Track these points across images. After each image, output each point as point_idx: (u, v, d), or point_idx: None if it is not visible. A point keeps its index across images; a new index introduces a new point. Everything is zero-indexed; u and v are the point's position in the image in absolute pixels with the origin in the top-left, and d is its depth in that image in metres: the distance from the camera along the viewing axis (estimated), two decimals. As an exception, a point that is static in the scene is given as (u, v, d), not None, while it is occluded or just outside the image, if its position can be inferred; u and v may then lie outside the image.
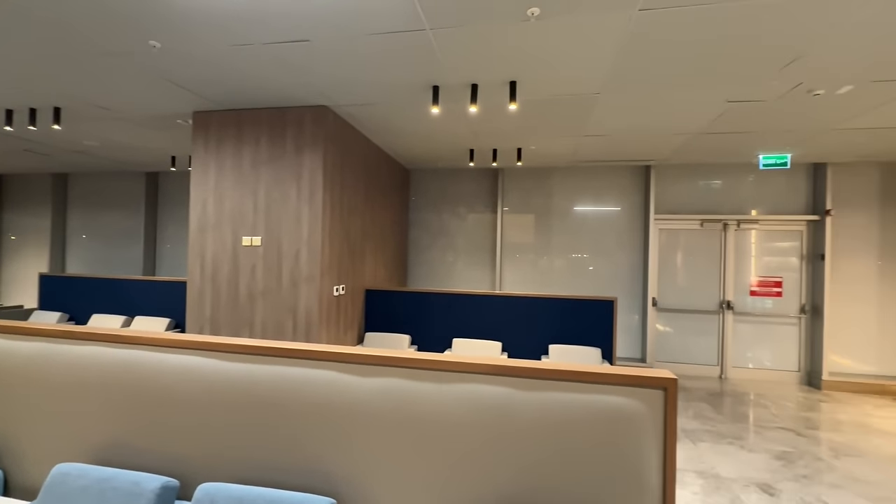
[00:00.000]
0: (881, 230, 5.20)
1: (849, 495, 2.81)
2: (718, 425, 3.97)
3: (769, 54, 2.60)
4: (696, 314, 5.70)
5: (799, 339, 5.46)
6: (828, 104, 3.33)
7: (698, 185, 5.73)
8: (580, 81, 3.08)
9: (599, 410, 1.35)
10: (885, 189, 5.21)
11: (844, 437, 3.77)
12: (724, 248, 5.64)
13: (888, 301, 5.18)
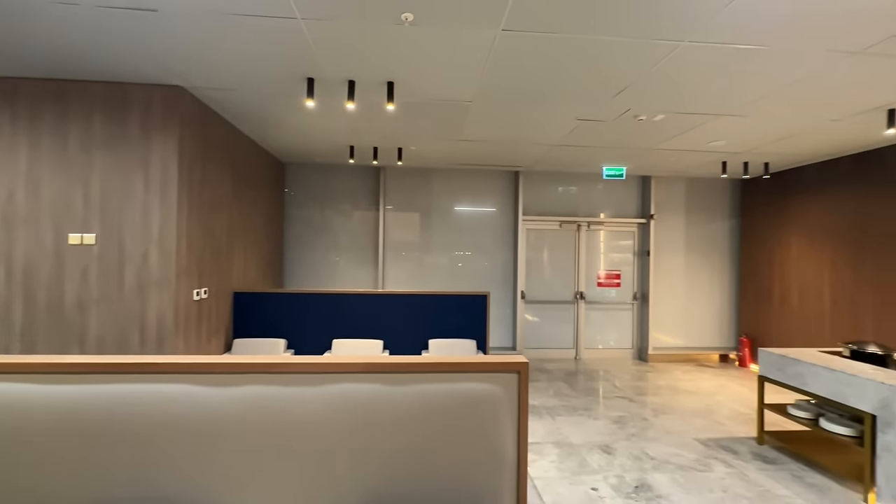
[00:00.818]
0: (686, 231, 6.53)
1: (662, 445, 3.49)
2: (573, 400, 4.57)
3: (606, 83, 3.08)
4: (557, 304, 6.46)
5: (632, 322, 6.56)
6: (649, 128, 4.07)
7: (558, 191, 6.49)
8: (454, 89, 3.26)
9: (463, 396, 1.46)
10: (690, 198, 6.54)
11: (662, 399, 4.65)
12: (578, 246, 6.50)
13: (692, 287, 6.53)
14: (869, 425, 2.69)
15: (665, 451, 3.37)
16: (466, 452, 1.45)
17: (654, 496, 2.74)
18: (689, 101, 3.37)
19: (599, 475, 3.00)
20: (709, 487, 2.85)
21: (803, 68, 2.78)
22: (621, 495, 2.75)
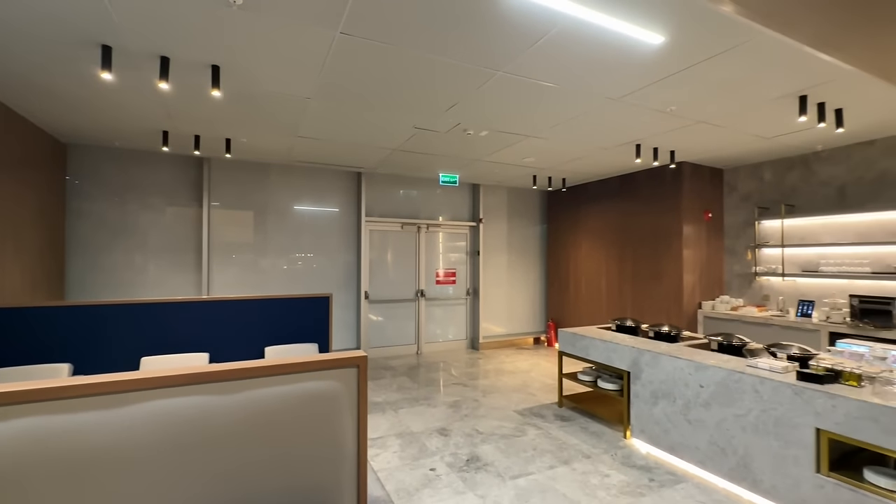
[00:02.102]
0: (508, 234, 7.55)
1: (489, 420, 3.99)
2: (414, 392, 4.83)
3: (438, 97, 3.38)
4: (400, 303, 6.72)
5: (466, 315, 7.27)
6: (476, 142, 4.60)
7: (399, 194, 6.75)
8: (291, 84, 3.13)
9: (303, 396, 1.46)
10: (510, 205, 7.58)
11: (489, 381, 5.29)
12: (419, 246, 6.88)
13: (512, 282, 7.57)
14: (626, 380, 3.59)
15: (491, 426, 3.86)
16: (309, 450, 1.45)
17: (482, 465, 3.13)
18: (507, 121, 3.95)
19: (437, 456, 3.27)
20: (523, 449, 3.39)
21: (582, 107, 3.54)
22: (455, 470, 3.06)
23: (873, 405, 2.17)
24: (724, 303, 5.22)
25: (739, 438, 2.76)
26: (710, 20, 2.30)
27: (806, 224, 4.83)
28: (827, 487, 2.34)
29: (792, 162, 4.98)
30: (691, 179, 5.42)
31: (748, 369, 2.79)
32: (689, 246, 5.37)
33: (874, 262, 4.28)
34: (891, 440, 2.11)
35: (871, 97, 3.25)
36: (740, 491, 2.75)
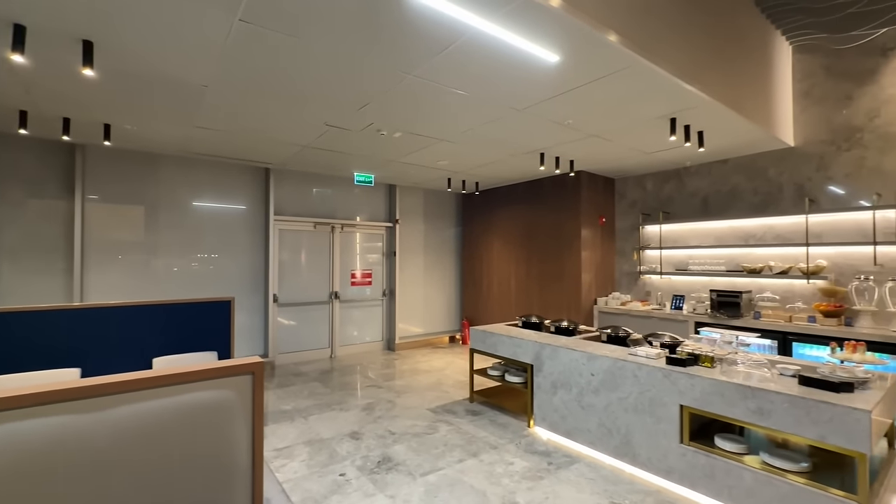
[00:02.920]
0: (425, 235, 7.65)
1: (403, 420, 4.01)
2: (326, 397, 4.69)
3: (350, 95, 3.33)
4: (312, 305, 6.46)
5: (382, 316, 7.22)
6: (390, 142, 4.60)
7: (312, 192, 6.50)
8: (184, 69, 2.87)
9: (188, 409, 1.35)
10: (427, 207, 7.68)
11: (405, 381, 5.31)
12: (333, 247, 6.68)
13: (429, 283, 7.68)
14: (529, 373, 3.85)
15: (404, 425, 3.89)
16: (196, 468, 1.35)
17: (393, 465, 3.14)
18: (420, 124, 4.01)
19: (348, 461, 3.21)
20: (434, 446, 3.47)
21: (490, 115, 3.73)
22: (366, 473, 3.03)
23: (720, 382, 2.59)
24: (615, 299, 5.82)
25: (622, 419, 3.10)
26: (597, 46, 2.56)
27: (678, 229, 5.57)
28: (688, 455, 2.74)
29: (668, 175, 5.72)
30: (588, 187, 5.96)
31: (629, 357, 3.15)
32: (586, 248, 5.90)
33: (728, 262, 5.08)
34: (733, 410, 2.53)
35: (724, 123, 3.86)
36: (623, 465, 3.10)
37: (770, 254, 4.76)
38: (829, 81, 4.35)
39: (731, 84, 3.58)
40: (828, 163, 4.37)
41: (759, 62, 4.01)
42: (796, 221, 4.54)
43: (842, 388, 2.31)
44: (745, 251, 4.95)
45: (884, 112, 4.03)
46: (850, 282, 4.15)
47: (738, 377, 2.61)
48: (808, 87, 4.48)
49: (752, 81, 3.87)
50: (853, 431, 2.11)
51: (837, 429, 2.16)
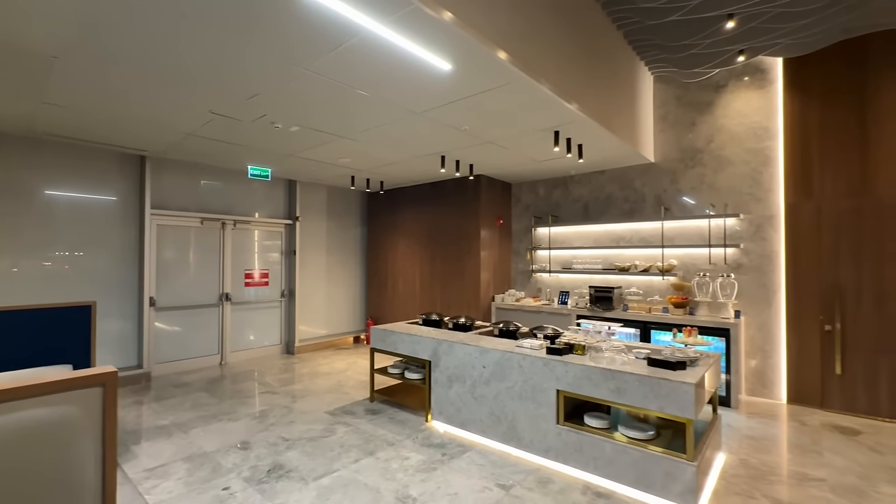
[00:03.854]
0: (328, 233, 7.42)
1: (298, 425, 3.87)
2: (213, 408, 4.33)
3: (238, 84, 3.12)
4: (199, 309, 5.90)
5: (280, 318, 6.85)
6: (287, 137, 4.40)
7: (200, 185, 5.94)
8: (22, 34, 2.45)
9: (23, 428, 1.18)
10: (331, 204, 7.47)
11: (303, 385, 5.12)
12: (223, 245, 6.17)
13: (332, 283, 7.47)
14: (427, 368, 3.97)
15: (299, 430, 3.76)
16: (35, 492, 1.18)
17: (285, 472, 3.02)
18: (318, 120, 3.90)
19: (233, 473, 3.02)
20: (330, 448, 3.41)
21: (390, 116, 3.77)
22: (253, 483, 2.88)
23: (588, 367, 2.93)
24: (510, 296, 6.24)
25: (509, 406, 3.36)
26: (486, 60, 2.74)
27: (565, 231, 6.15)
28: (563, 434, 3.06)
29: (557, 182, 6.28)
30: (488, 190, 6.30)
31: (516, 349, 3.41)
32: (485, 248, 6.23)
33: (604, 261, 5.75)
34: (598, 391, 2.89)
35: (598, 139, 4.36)
36: (510, 450, 3.35)
37: (636, 254, 5.49)
38: (679, 109, 5.16)
39: (604, 105, 4.06)
40: (678, 177, 5.17)
41: (627, 88, 4.61)
42: (655, 226, 5.30)
43: (677, 367, 2.78)
44: (617, 252, 5.65)
45: (717, 138, 4.89)
46: (693, 278, 4.97)
47: (603, 362, 2.98)
48: (665, 113, 5.26)
49: (621, 104, 4.43)
50: (682, 402, 2.54)
51: (672, 400, 2.59)
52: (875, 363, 4.06)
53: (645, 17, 3.89)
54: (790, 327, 4.48)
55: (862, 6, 3.54)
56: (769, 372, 4.58)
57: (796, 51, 4.27)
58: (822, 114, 4.34)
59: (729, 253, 4.81)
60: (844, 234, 4.22)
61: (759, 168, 4.65)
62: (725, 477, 3.00)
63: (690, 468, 2.53)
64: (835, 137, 4.28)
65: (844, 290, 4.21)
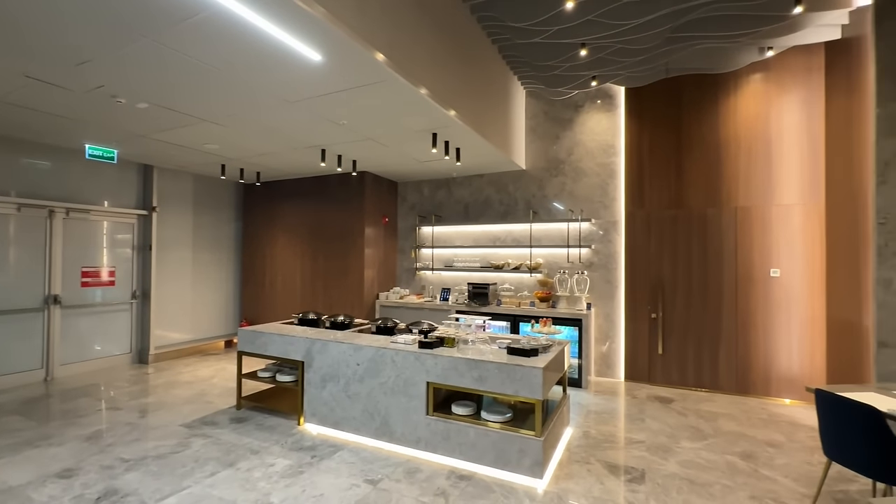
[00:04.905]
0: (195, 227, 6.67)
1: (143, 443, 3.41)
2: (27, 433, 3.59)
3: (59, 44, 2.64)
4: (13, 315, 4.84)
5: (130, 323, 5.96)
6: (135, 114, 3.84)
7: (19, 163, 4.87)
8: None
9: None
10: (199, 195, 6.71)
11: (155, 397, 4.52)
12: (51, 237, 5.15)
13: (199, 282, 6.73)
14: (300, 370, 3.81)
15: (145, 448, 3.32)
16: None
17: (120, 498, 2.64)
18: (172, 98, 3.48)
19: (49, 507, 2.55)
20: (182, 464, 3.07)
21: (259, 102, 3.53)
22: (75, 516, 2.47)
23: (455, 359, 3.10)
24: (395, 293, 6.29)
25: (383, 402, 3.39)
26: (358, 56, 2.72)
27: (447, 231, 6.41)
28: (432, 424, 3.19)
29: (440, 183, 6.51)
30: (373, 188, 6.26)
31: (391, 345, 3.46)
32: (370, 245, 6.19)
33: (482, 260, 6.12)
34: (463, 380, 3.07)
35: (474, 144, 4.63)
36: (383, 444, 3.39)
37: (509, 253, 5.95)
38: (546, 123, 5.73)
39: (479, 113, 4.33)
40: (545, 185, 5.74)
41: (501, 99, 4.97)
42: (525, 228, 5.81)
43: (531, 354, 3.09)
44: (493, 251, 6.06)
45: (575, 151, 5.55)
46: (556, 274, 5.56)
47: (469, 353, 3.18)
48: (535, 125, 5.79)
49: (495, 113, 4.77)
50: (533, 385, 2.84)
51: (525, 384, 2.87)
52: (684, 344, 5.00)
53: (515, 36, 4.24)
54: (628, 316, 5.28)
55: (678, 52, 4.33)
56: (612, 355, 5.35)
57: (634, 82, 5.05)
58: (652, 138, 5.20)
59: (583, 253, 5.49)
60: (665, 239, 5.12)
61: (607, 180, 5.40)
62: (570, 448, 3.42)
63: (538, 443, 2.84)
64: (660, 159, 5.16)
65: (665, 285, 5.10)
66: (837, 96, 4.22)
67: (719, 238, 4.88)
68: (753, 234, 4.74)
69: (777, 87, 4.66)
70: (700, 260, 4.96)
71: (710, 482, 2.91)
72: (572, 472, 3.02)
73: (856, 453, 2.27)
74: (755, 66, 4.71)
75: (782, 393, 4.59)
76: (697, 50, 4.37)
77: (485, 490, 2.78)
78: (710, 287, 4.90)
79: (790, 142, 4.61)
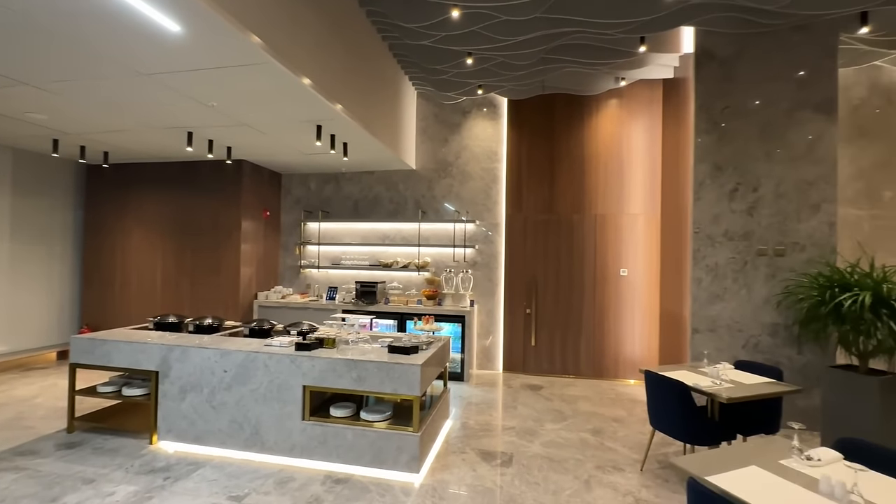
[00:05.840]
0: (13, 213, 5.41)
1: (-79, 487, 2.68)
2: None
3: None
4: None
5: None
6: (-83, 66, 2.98)
7: None
8: None
9: None
10: (19, 174, 5.47)
11: (-55, 427, 3.58)
12: None
13: (21, 282, 5.49)
14: (154, 381, 3.34)
15: (-77, 494, 2.60)
16: None
17: None
18: (-24, 53, 2.78)
19: None
20: (-20, 507, 2.48)
21: (103, 71, 3.01)
22: None
23: (334, 360, 3.02)
24: (276, 293, 5.88)
25: (253, 410, 3.14)
26: (225, 31, 2.47)
27: (335, 227, 6.20)
28: (308, 429, 3.05)
29: (328, 177, 6.27)
30: (252, 178, 5.77)
31: (264, 348, 3.23)
32: (247, 240, 5.69)
33: (371, 258, 6.05)
34: (341, 381, 3.00)
35: (362, 141, 4.55)
36: (253, 456, 3.14)
37: (398, 251, 5.98)
38: (436, 125, 5.88)
39: (369, 109, 4.26)
40: (434, 185, 5.89)
41: (392, 96, 4.96)
42: (414, 227, 5.89)
43: (411, 351, 3.14)
44: (382, 249, 6.03)
45: (462, 155, 5.79)
46: (443, 273, 5.75)
47: (349, 353, 3.12)
48: (425, 126, 5.90)
49: (384, 110, 4.74)
50: (411, 381, 2.89)
51: (404, 382, 2.91)
52: (553, 336, 5.56)
53: (404, 35, 4.26)
54: (506, 312, 5.69)
55: (551, 72, 4.78)
56: (493, 349, 5.71)
57: (515, 95, 5.45)
58: (529, 148, 5.67)
59: (468, 252, 5.76)
60: (539, 241, 5.62)
61: (490, 184, 5.74)
62: (449, 440, 3.56)
63: (415, 439, 2.90)
64: (536, 167, 5.65)
65: (538, 282, 5.61)
66: (669, 125, 5.07)
67: (582, 241, 5.52)
68: (608, 239, 5.46)
69: (628, 112, 5.43)
70: (567, 260, 5.55)
71: (566, 458, 3.28)
72: (448, 463, 3.15)
73: (670, 421, 2.76)
74: (612, 92, 5.42)
75: (628, 375, 5.37)
76: (567, 72, 4.88)
77: (361, 491, 2.75)
78: (574, 284, 5.52)
79: (637, 161, 5.41)
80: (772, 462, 1.77)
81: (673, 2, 3.41)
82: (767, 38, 4.01)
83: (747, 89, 4.07)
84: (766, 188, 4.03)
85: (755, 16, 3.69)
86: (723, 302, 4.08)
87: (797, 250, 3.96)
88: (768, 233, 4.01)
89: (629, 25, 3.76)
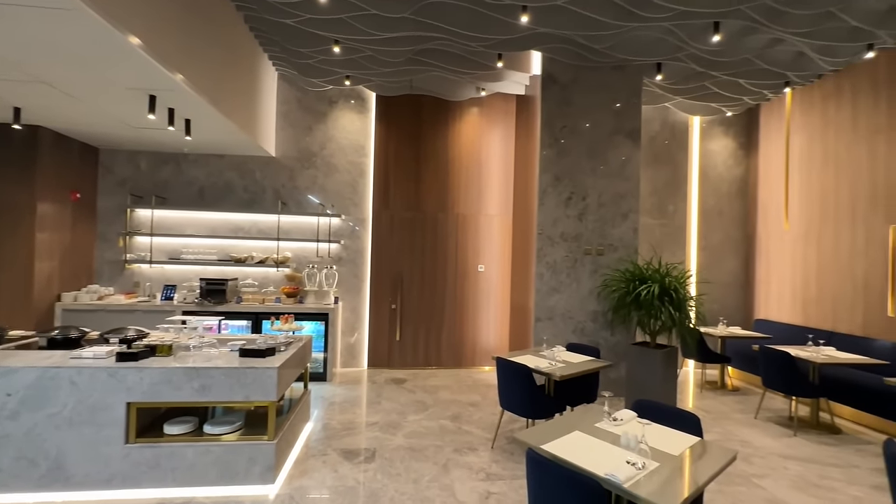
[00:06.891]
0: None
1: None
2: None
3: None
4: None
5: None
6: None
7: None
8: None
9: None
10: None
11: None
12: None
13: None
14: None
15: None
16: None
17: None
18: None
19: None
20: None
21: None
22: None
23: (170, 369, 2.61)
24: (90, 293, 4.83)
25: (53, 440, 2.53)
26: (11, -40, 1.93)
27: (174, 216, 5.35)
28: (133, 454, 2.59)
29: (166, 157, 5.38)
30: (54, 151, 4.61)
31: (70, 361, 2.62)
32: (46, 229, 4.54)
33: (220, 252, 5.39)
34: (179, 394, 2.62)
35: (209, 119, 4.01)
36: (53, 496, 2.54)
37: (254, 245, 5.46)
38: (299, 111, 5.52)
39: (219, 84, 3.77)
40: (296, 176, 5.53)
41: (248, 75, 4.49)
42: (273, 219, 5.45)
43: (267, 354, 2.91)
44: (234, 242, 5.43)
45: (328, 146, 5.57)
46: (305, 269, 5.44)
47: (189, 360, 2.74)
48: (286, 111, 5.50)
49: (239, 88, 4.26)
50: (266, 386, 2.68)
51: (258, 387, 2.68)
52: (417, 329, 5.75)
53: (262, 10, 3.89)
54: (372, 308, 5.67)
55: (419, 73, 4.91)
56: (357, 346, 5.63)
57: (384, 91, 5.45)
58: (397, 146, 5.74)
59: (333, 248, 5.57)
60: (406, 237, 5.74)
61: (358, 178, 5.64)
62: (308, 443, 3.41)
63: (270, 447, 2.70)
64: (403, 165, 5.75)
65: (404, 278, 5.73)
66: (521, 136, 5.67)
67: (445, 239, 5.81)
68: (468, 237, 5.86)
69: (487, 121, 5.91)
70: (431, 256, 5.78)
71: (426, 446, 3.43)
72: (308, 468, 3.02)
73: (515, 401, 3.11)
74: (474, 101, 5.82)
75: (484, 362, 5.86)
76: (434, 76, 5.07)
77: (203, 514, 2.45)
78: (437, 280, 5.78)
79: (494, 166, 5.91)
80: (590, 426, 2.13)
81: (524, 27, 3.83)
82: (595, 72, 4.79)
83: (580, 113, 4.80)
84: (591, 198, 4.81)
85: (586, 52, 4.37)
86: (559, 294, 4.75)
87: (612, 250, 4.83)
88: (593, 235, 4.81)
89: (488, 41, 4.09)
